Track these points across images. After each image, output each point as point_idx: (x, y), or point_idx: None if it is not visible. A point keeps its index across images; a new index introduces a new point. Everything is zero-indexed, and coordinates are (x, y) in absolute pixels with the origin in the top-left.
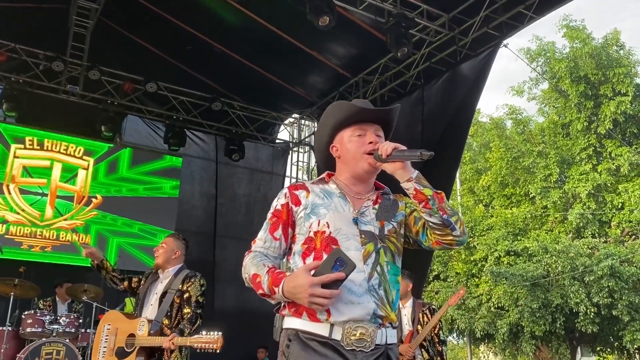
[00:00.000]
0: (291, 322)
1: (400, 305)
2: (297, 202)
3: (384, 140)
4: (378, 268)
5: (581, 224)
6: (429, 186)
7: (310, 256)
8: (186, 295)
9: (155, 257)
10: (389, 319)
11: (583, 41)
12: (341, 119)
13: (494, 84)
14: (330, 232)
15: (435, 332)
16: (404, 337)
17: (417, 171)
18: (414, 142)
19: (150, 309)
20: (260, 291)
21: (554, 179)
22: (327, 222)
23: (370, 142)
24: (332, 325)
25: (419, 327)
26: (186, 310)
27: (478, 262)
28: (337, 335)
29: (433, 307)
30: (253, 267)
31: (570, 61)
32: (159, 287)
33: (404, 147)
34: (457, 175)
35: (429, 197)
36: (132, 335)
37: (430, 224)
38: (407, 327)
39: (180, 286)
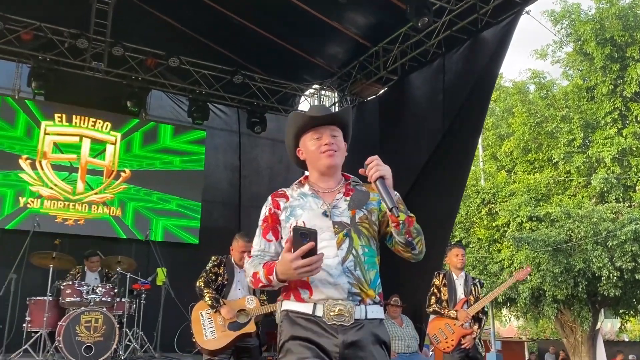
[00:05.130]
0: (283, 305)
1: (455, 276)
2: (278, 207)
3: (341, 137)
4: (353, 251)
5: (605, 189)
6: (403, 211)
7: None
8: None
9: (240, 259)
10: (367, 296)
11: (610, 1)
12: (300, 127)
13: (518, 45)
14: None
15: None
16: (456, 305)
17: (397, 194)
18: (435, 112)
19: (240, 292)
20: (260, 284)
21: (578, 144)
22: (303, 222)
23: (326, 144)
24: (314, 303)
25: (471, 297)
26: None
27: (500, 227)
28: (319, 312)
29: (482, 281)
30: (252, 268)
31: (595, 23)
32: (241, 277)
33: (390, 179)
34: (480, 141)
35: (401, 221)
36: (241, 310)
37: (396, 238)
38: (461, 295)
39: None
